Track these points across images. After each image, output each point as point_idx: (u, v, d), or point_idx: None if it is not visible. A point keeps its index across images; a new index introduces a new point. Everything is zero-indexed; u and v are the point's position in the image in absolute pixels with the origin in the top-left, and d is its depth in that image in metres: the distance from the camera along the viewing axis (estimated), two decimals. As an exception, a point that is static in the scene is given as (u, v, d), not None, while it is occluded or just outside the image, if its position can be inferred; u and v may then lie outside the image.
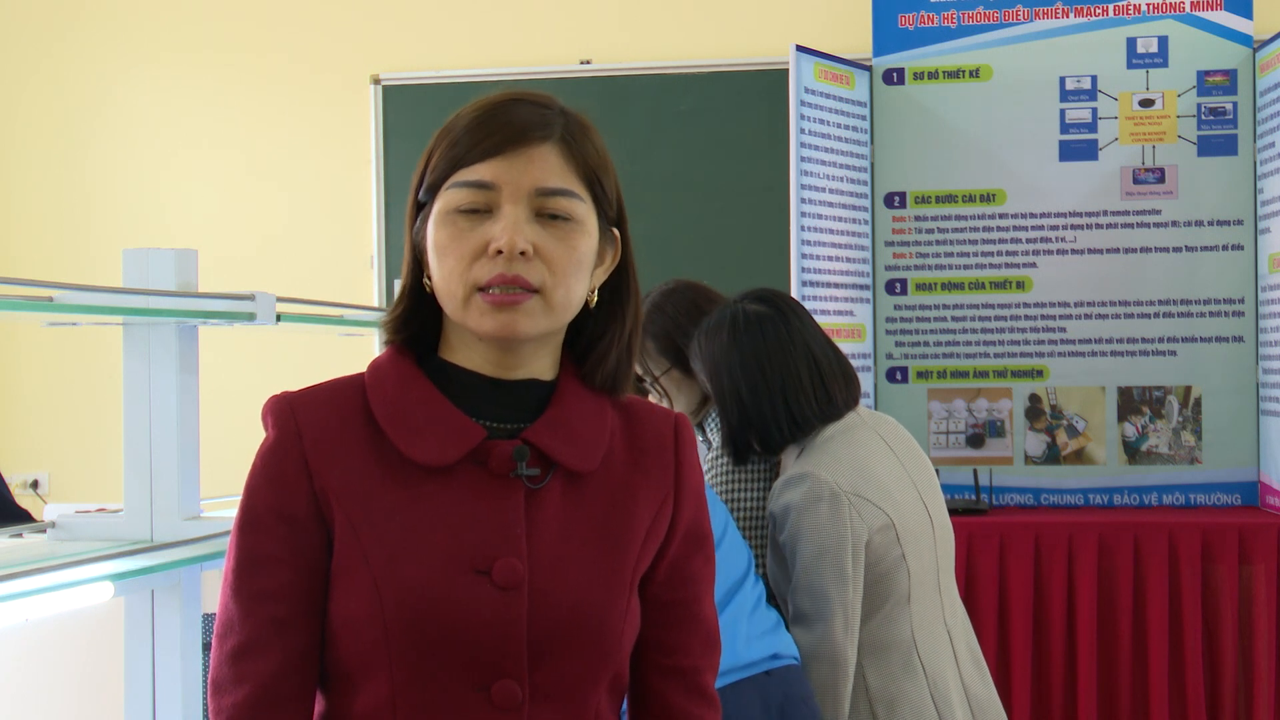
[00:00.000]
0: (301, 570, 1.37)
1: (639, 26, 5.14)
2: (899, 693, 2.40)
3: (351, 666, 1.36)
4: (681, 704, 1.49)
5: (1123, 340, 4.52)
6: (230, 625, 1.38)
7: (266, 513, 1.37)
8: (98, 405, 5.25)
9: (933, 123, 4.59)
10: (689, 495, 1.48)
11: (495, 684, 1.35)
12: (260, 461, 1.39)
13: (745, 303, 2.56)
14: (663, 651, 1.48)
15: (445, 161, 1.38)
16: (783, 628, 2.29)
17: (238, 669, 1.37)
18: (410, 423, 1.37)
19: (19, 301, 2.00)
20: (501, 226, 1.35)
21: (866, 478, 2.43)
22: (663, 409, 1.52)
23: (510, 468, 1.38)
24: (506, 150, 1.36)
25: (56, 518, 2.34)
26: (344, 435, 1.38)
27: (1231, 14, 4.46)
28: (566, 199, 1.37)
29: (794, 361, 2.50)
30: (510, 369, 1.41)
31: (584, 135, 1.41)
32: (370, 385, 1.41)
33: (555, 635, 1.36)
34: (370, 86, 5.22)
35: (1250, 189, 4.45)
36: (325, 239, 5.26)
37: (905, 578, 2.44)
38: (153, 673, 2.24)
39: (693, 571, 1.49)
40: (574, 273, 1.38)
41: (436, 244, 1.38)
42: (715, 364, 2.52)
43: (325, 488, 1.36)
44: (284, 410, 1.39)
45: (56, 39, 5.47)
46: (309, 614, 1.37)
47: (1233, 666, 4.05)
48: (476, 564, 1.35)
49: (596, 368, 1.45)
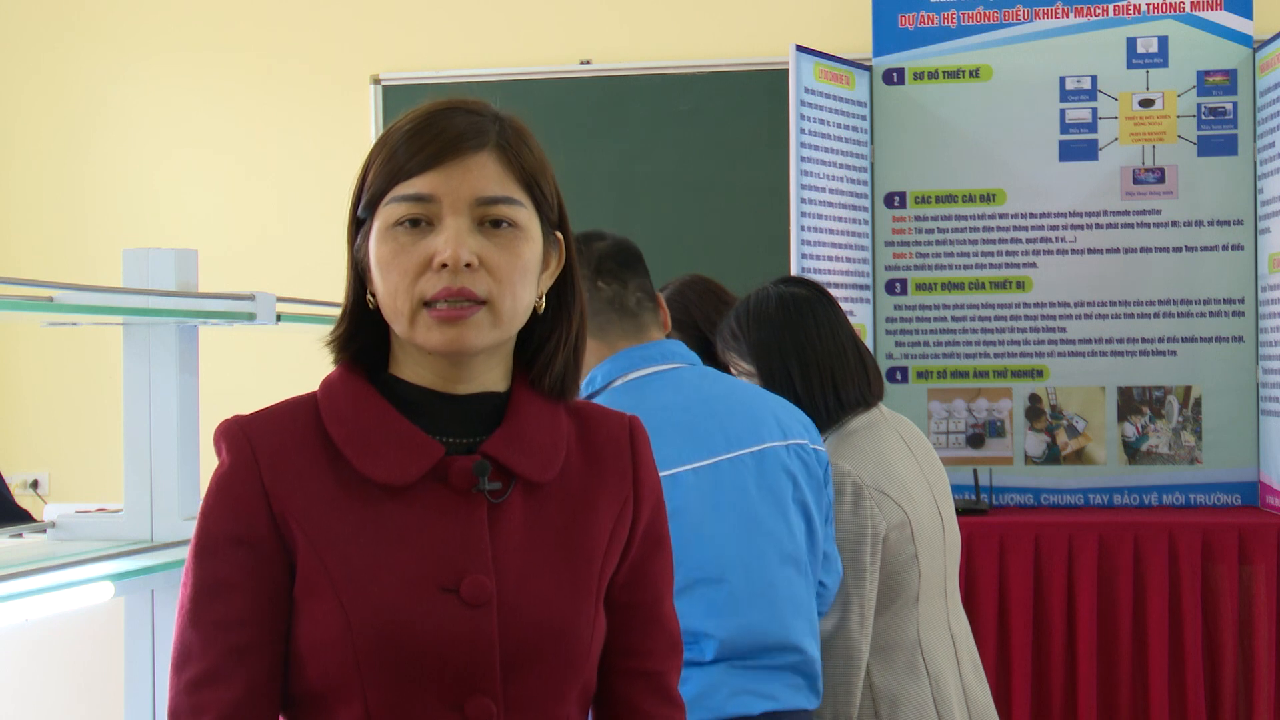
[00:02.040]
0: (261, 596, 1.34)
1: (639, 26, 5.14)
2: (902, 693, 2.41)
3: (323, 691, 1.34)
4: (648, 707, 1.48)
5: (1123, 340, 4.52)
6: (188, 654, 1.35)
7: (223, 539, 1.35)
8: (98, 405, 5.25)
9: (933, 123, 4.59)
10: (647, 496, 1.47)
11: (469, 701, 1.34)
12: (215, 487, 1.37)
13: (785, 287, 2.57)
14: (626, 655, 1.47)
15: (382, 176, 1.37)
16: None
17: (197, 698, 1.34)
18: (368, 442, 1.36)
19: (19, 301, 2.00)
20: (444, 239, 1.33)
21: (888, 474, 2.44)
22: (616, 412, 1.50)
23: (471, 483, 1.36)
24: (443, 161, 1.35)
25: (56, 518, 2.34)
26: (300, 457, 1.36)
27: (1231, 14, 4.46)
28: (508, 206, 1.36)
29: (842, 343, 2.51)
30: (462, 383, 1.39)
31: (520, 140, 1.40)
32: (324, 405, 1.39)
33: (526, 649, 1.35)
34: (370, 86, 5.22)
35: (1250, 189, 4.45)
36: (325, 239, 5.25)
37: (916, 578, 2.44)
38: (153, 673, 2.24)
39: (653, 573, 1.48)
40: (520, 280, 1.36)
41: (379, 260, 1.36)
42: (764, 345, 2.50)
43: (284, 511, 1.34)
44: (237, 434, 1.37)
45: (55, 39, 5.46)
46: (270, 640, 1.35)
47: (1233, 666, 4.05)
48: (444, 582, 1.33)
49: (544, 373, 1.44)
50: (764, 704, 2.13)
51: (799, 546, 2.20)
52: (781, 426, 2.23)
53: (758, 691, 2.14)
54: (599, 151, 4.92)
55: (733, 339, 2.54)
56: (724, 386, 2.26)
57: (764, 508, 2.17)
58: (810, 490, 2.23)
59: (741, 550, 2.13)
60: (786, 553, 2.18)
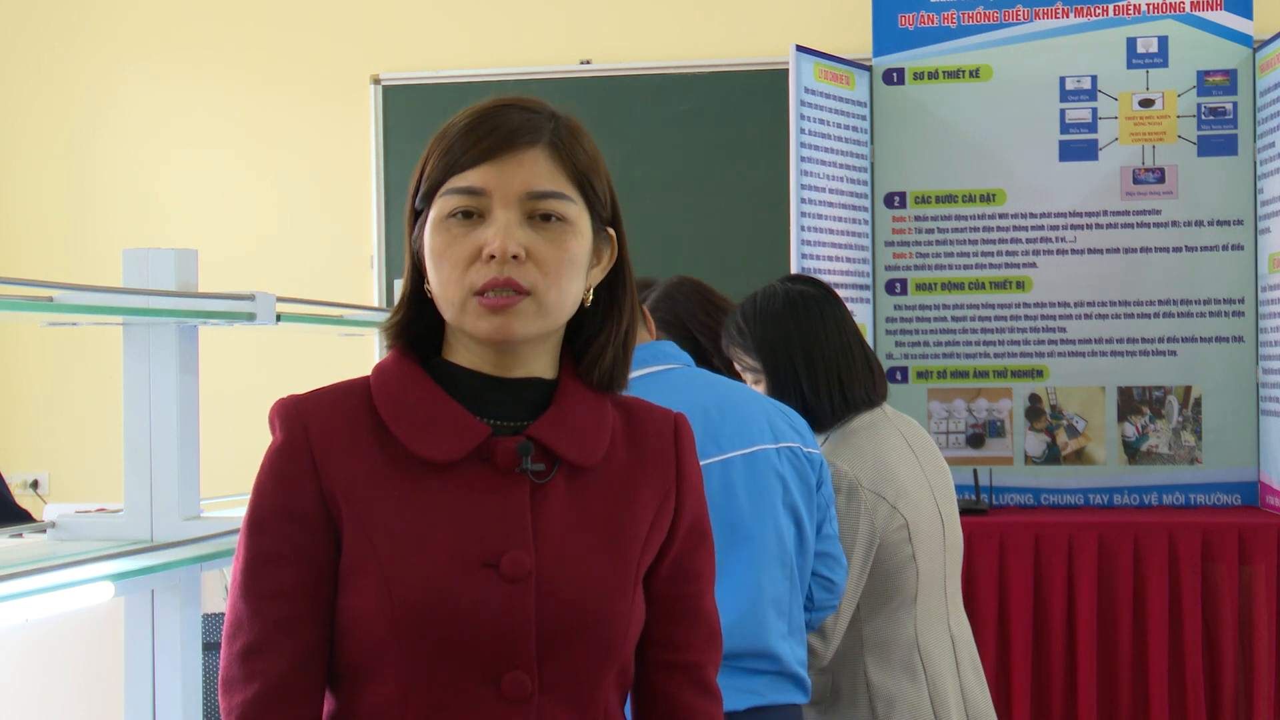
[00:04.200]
0: (309, 570, 1.38)
1: (639, 26, 5.14)
2: (898, 691, 2.41)
3: (362, 662, 1.38)
4: (686, 699, 1.50)
5: (1123, 340, 4.52)
6: (239, 624, 1.39)
7: (273, 513, 1.39)
8: (98, 405, 5.26)
9: (933, 123, 4.59)
10: (690, 493, 1.50)
11: (505, 676, 1.36)
12: (268, 462, 1.41)
13: (792, 285, 2.56)
14: (666, 647, 1.49)
15: (438, 169, 1.41)
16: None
17: (247, 668, 1.38)
18: (416, 421, 1.40)
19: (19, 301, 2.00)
20: (493, 231, 1.37)
21: (886, 475, 2.44)
22: (662, 408, 1.53)
23: (515, 463, 1.40)
24: (497, 155, 1.39)
25: (56, 518, 2.34)
26: (350, 435, 1.40)
27: (1231, 14, 4.46)
28: (557, 201, 1.40)
29: (847, 342, 2.51)
30: (510, 368, 1.43)
31: (573, 138, 1.43)
32: (375, 386, 1.43)
33: (563, 627, 1.38)
34: (370, 86, 5.22)
35: (1250, 189, 4.45)
36: (325, 239, 5.26)
37: (913, 578, 2.44)
38: (153, 673, 2.24)
39: (695, 568, 1.51)
40: (566, 274, 1.40)
41: (433, 250, 1.40)
42: (770, 342, 2.50)
43: (332, 487, 1.38)
44: (290, 412, 1.41)
45: (56, 38, 5.46)
46: (317, 613, 1.39)
47: (1233, 666, 4.05)
48: (484, 558, 1.37)
49: (594, 366, 1.47)
50: (749, 699, 2.14)
51: (786, 550, 2.20)
52: (773, 429, 2.23)
53: (741, 687, 2.14)
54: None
55: (739, 335, 2.54)
56: (715, 388, 2.25)
57: (752, 510, 2.17)
58: (800, 493, 2.23)
59: (726, 554, 2.11)
60: (773, 555, 2.18)
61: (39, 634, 2.33)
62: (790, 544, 2.20)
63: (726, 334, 2.58)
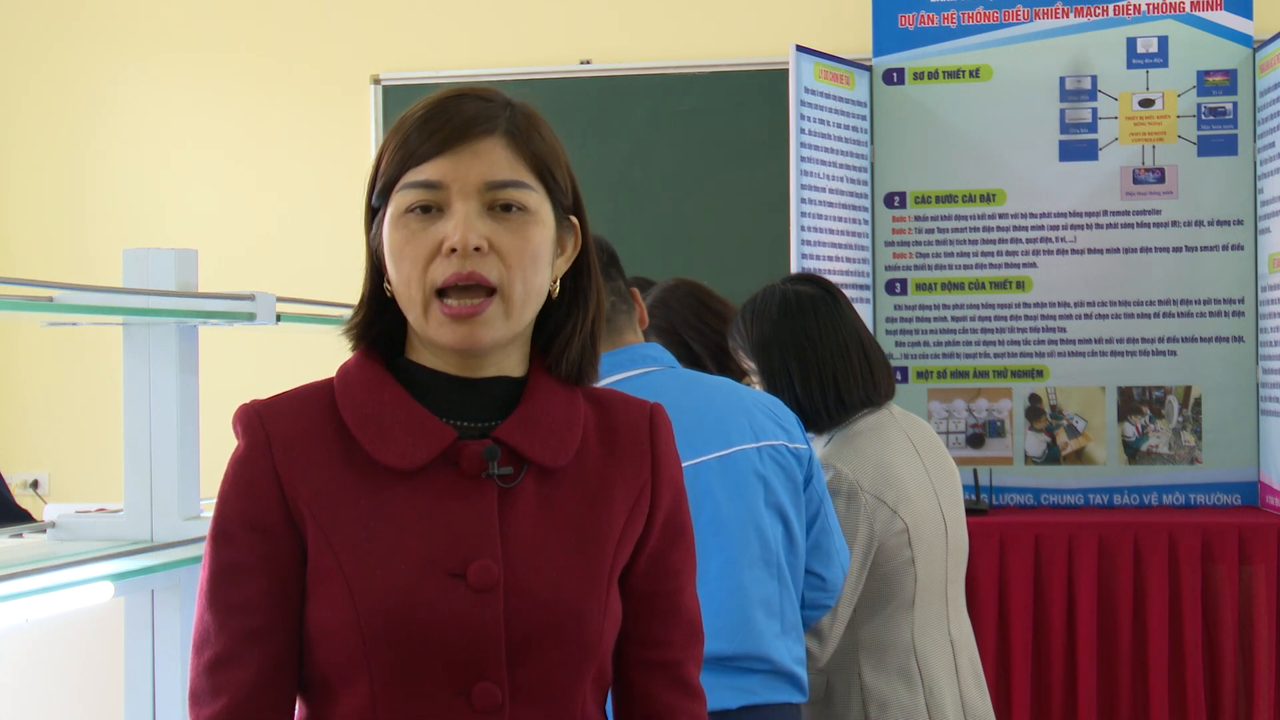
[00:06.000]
0: (274, 580, 1.36)
1: (639, 26, 5.14)
2: (892, 695, 2.40)
3: (330, 673, 1.36)
4: (665, 697, 1.47)
5: (1123, 340, 4.52)
6: (206, 636, 1.37)
7: (237, 523, 1.36)
8: (98, 405, 5.25)
9: (933, 123, 4.59)
10: (666, 486, 1.47)
11: (475, 687, 1.34)
12: (230, 471, 1.38)
13: (792, 284, 2.55)
14: (645, 645, 1.47)
15: (394, 163, 1.37)
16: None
17: (214, 680, 1.36)
18: (380, 426, 1.36)
19: (19, 301, 2.00)
20: (453, 224, 1.33)
21: (887, 479, 2.42)
22: (638, 400, 1.50)
23: (482, 468, 1.36)
24: (453, 147, 1.35)
25: (56, 518, 2.34)
26: (313, 441, 1.37)
27: (1231, 14, 4.46)
28: (517, 190, 1.36)
29: (844, 342, 2.48)
30: (477, 369, 1.40)
31: (530, 125, 1.40)
32: (339, 390, 1.40)
33: (534, 634, 1.35)
34: (370, 86, 5.22)
35: (1250, 189, 4.45)
36: (325, 239, 5.26)
37: (911, 582, 2.43)
38: (153, 673, 2.24)
39: (673, 563, 1.48)
40: (530, 265, 1.36)
41: (392, 247, 1.36)
42: (764, 343, 2.49)
43: (296, 495, 1.35)
44: (252, 419, 1.38)
45: (55, 39, 5.46)
46: (284, 623, 1.36)
47: (1233, 666, 4.05)
48: (451, 567, 1.34)
49: (561, 358, 1.44)
50: (742, 698, 2.13)
51: (771, 549, 2.17)
52: (754, 428, 2.20)
53: (734, 686, 2.13)
54: (599, 152, 4.92)
55: (739, 335, 2.54)
56: (696, 391, 2.22)
57: (732, 512, 2.15)
58: (786, 491, 2.20)
59: (707, 557, 2.09)
60: (756, 556, 2.16)
61: (39, 634, 2.33)
62: (777, 543, 2.18)
63: (730, 335, 2.58)
